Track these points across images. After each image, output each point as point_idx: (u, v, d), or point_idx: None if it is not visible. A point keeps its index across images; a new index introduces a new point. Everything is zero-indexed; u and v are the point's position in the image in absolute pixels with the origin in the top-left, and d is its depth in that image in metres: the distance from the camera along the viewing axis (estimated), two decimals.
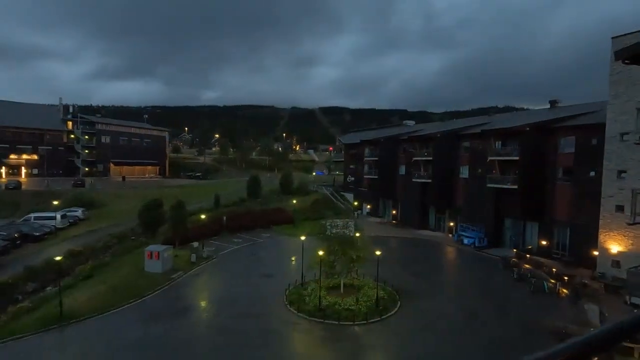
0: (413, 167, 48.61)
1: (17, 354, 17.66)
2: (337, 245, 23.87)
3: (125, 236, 37.54)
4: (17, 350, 17.90)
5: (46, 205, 47.34)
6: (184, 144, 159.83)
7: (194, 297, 25.57)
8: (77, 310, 21.49)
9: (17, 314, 21.25)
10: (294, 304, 22.89)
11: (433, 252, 38.03)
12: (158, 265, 27.84)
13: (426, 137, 47.66)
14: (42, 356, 17.62)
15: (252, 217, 45.28)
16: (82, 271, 27.48)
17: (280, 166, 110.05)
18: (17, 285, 25.61)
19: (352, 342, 19.43)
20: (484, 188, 38.43)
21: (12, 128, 73.41)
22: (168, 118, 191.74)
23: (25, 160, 73.85)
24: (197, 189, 66.08)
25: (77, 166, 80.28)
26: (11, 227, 36.36)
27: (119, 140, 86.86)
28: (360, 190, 60.79)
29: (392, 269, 28.41)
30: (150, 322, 20.99)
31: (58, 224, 39.86)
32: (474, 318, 21.86)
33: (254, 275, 28.90)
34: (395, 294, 24.56)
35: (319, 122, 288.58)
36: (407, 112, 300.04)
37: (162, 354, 17.76)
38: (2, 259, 30.49)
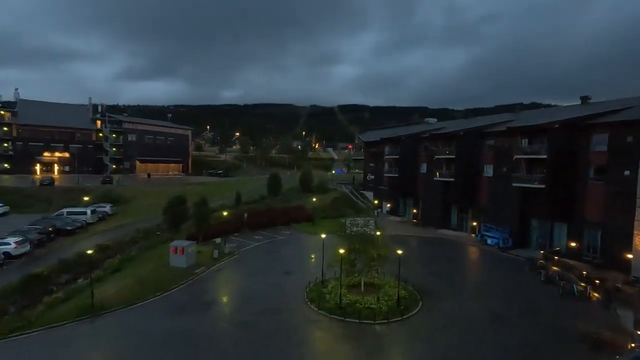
0: (435, 165, 47.73)
1: (54, 342, 18.55)
2: (358, 244, 23.75)
3: (151, 231, 38.77)
4: (54, 339, 18.81)
5: (77, 201, 49.57)
6: (205, 142, 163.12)
7: (217, 292, 26.08)
8: (107, 302, 22.36)
9: (52, 304, 22.31)
10: (315, 301, 22.99)
11: (455, 252, 37.26)
12: (182, 260, 28.57)
13: (449, 135, 46.66)
14: (76, 345, 18.42)
15: (272, 214, 45.72)
16: (111, 265, 28.56)
17: (300, 164, 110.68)
18: (52, 276, 26.88)
19: (373, 340, 19.32)
20: (510, 187, 37.27)
21: (46, 127, 77.14)
22: (191, 117, 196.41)
23: (57, 158, 77.43)
24: (219, 187, 67.38)
25: (105, 164, 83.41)
26: (46, 222, 38.21)
27: (144, 138, 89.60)
28: (380, 189, 60.25)
29: (413, 268, 28.07)
30: (176, 315, 21.58)
31: (88, 219, 41.63)
32: (499, 321, 21.30)
33: (274, 272, 29.21)
34: (416, 294, 24.26)
35: (338, 120, 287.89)
36: (427, 110, 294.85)
37: (187, 346, 18.23)
38: (37, 252, 32.09)
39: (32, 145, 75.51)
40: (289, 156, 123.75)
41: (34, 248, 32.00)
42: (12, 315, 21.03)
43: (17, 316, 20.73)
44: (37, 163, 75.56)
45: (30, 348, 17.85)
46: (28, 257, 30.76)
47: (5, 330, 18.84)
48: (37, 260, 30.44)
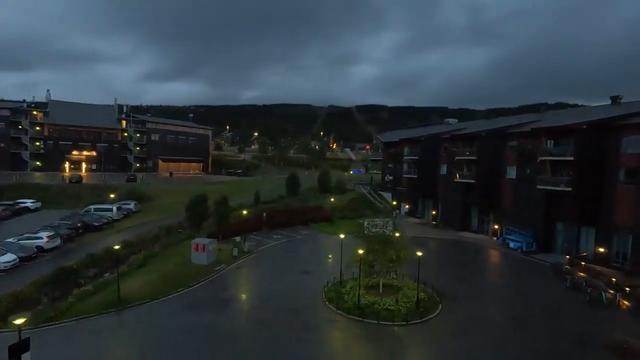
0: (455, 166, 46.96)
1: (83, 332, 19.36)
2: (377, 245, 23.69)
3: (173, 229, 39.81)
4: (84, 329, 19.63)
5: (103, 198, 51.46)
6: (225, 141, 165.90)
7: (237, 289, 26.55)
8: (132, 296, 23.13)
9: (81, 296, 23.25)
10: (333, 301, 23.07)
11: (476, 255, 36.55)
12: (203, 257, 29.23)
13: (470, 136, 45.80)
14: (104, 336, 19.18)
15: (290, 214, 46.10)
16: (135, 260, 29.52)
17: (318, 164, 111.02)
18: (81, 270, 28.01)
19: (391, 342, 19.24)
20: (534, 190, 36.26)
21: (74, 127, 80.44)
22: (210, 117, 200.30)
23: (85, 157, 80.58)
24: (238, 186, 68.42)
25: (130, 162, 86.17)
26: (75, 218, 39.87)
27: (166, 138, 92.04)
28: (399, 190, 59.75)
29: (433, 271, 27.72)
30: (197, 310, 22.12)
31: (114, 215, 43.15)
32: (521, 326, 20.79)
33: (293, 271, 29.48)
34: (436, 297, 23.98)
35: (356, 121, 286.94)
36: (447, 110, 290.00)
37: (208, 341, 18.67)
38: (67, 246, 33.52)
39: (62, 144, 78.89)
40: (307, 156, 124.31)
41: (64, 242, 33.44)
42: (45, 305, 22.07)
43: (50, 307, 21.73)
44: (66, 161, 78.87)
45: (63, 337, 18.69)
46: (59, 251, 32.18)
47: (40, 319, 19.79)
48: (67, 254, 31.77)
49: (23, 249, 29.40)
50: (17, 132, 75.17)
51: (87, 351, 17.54)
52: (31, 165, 75.93)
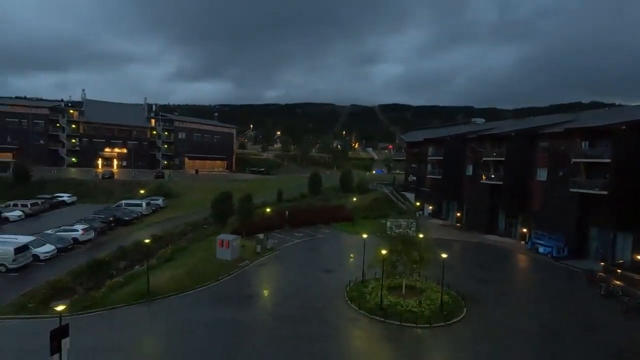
0: (482, 167, 45.71)
1: (116, 321, 20.29)
2: (400, 245, 23.45)
3: (199, 225, 40.92)
4: (116, 318, 20.57)
5: (133, 194, 53.53)
6: (248, 140, 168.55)
7: (260, 285, 26.99)
8: (160, 288, 23.97)
9: (113, 287, 24.35)
10: (355, 300, 23.05)
11: (503, 259, 35.48)
12: (227, 253, 29.89)
13: (498, 136, 44.42)
14: (135, 325, 20.03)
15: (312, 212, 46.32)
16: (163, 254, 30.58)
17: (340, 163, 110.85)
18: (112, 262, 29.36)
19: (414, 344, 19.03)
20: (566, 193, 34.76)
21: (107, 125, 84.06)
22: (234, 116, 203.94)
23: (117, 153, 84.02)
24: (261, 184, 69.38)
25: (158, 159, 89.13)
26: (107, 212, 41.72)
27: (193, 136, 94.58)
28: (422, 190, 58.78)
29: (457, 273, 27.15)
30: (221, 304, 22.68)
31: (143, 210, 44.84)
32: (551, 334, 20.02)
33: (314, 269, 29.65)
34: (460, 300, 23.47)
35: (379, 120, 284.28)
36: (473, 109, 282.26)
37: (231, 334, 19.09)
38: (100, 239, 35.13)
39: (95, 141, 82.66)
40: (329, 155, 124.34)
41: (97, 235, 35.09)
42: (81, 294, 23.27)
43: (85, 296, 22.89)
44: (99, 158, 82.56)
45: (98, 325, 19.61)
46: (92, 243, 33.79)
47: (77, 307, 20.88)
48: (100, 246, 33.30)
49: (60, 241, 31.07)
50: (55, 129, 79.38)
51: (120, 339, 18.36)
52: (67, 161, 79.99)
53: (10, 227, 37.44)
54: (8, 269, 25.68)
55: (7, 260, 25.68)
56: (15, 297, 21.93)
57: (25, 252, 26.92)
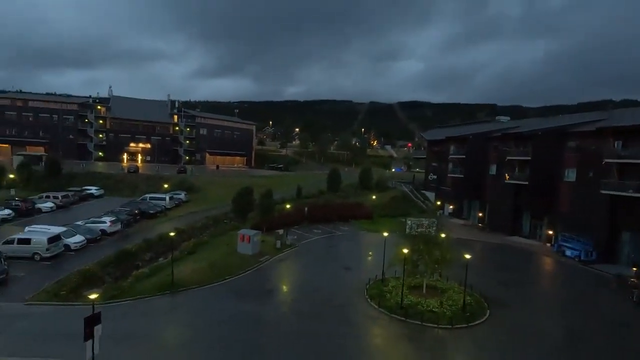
0: (506, 167, 44.50)
1: (142, 310, 20.98)
2: (422, 245, 23.16)
3: (219, 219, 41.64)
4: (142, 307, 21.27)
5: (156, 188, 54.90)
6: (267, 136, 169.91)
7: (280, 280, 27.29)
8: (183, 281, 24.58)
9: (139, 277, 25.16)
10: (375, 298, 22.96)
11: (527, 261, 34.51)
12: (248, 247, 30.32)
13: (524, 135, 43.09)
14: (160, 315, 20.65)
15: (331, 209, 46.32)
16: (186, 247, 31.33)
17: (358, 161, 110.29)
18: (138, 253, 30.29)
19: (435, 344, 18.81)
20: (597, 194, 33.41)
21: (132, 121, 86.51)
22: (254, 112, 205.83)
23: (141, 149, 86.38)
24: (280, 180, 69.87)
25: (180, 155, 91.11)
26: (133, 205, 43.03)
27: (214, 132, 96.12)
28: (443, 189, 57.81)
29: (480, 275, 26.56)
30: (242, 298, 23.06)
31: (167, 204, 45.98)
32: (579, 340, 19.38)
33: (334, 266, 29.70)
34: (483, 302, 23.02)
35: (397, 117, 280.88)
36: (496, 107, 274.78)
37: (253, 328, 19.38)
38: (126, 231, 36.29)
39: (121, 136, 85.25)
40: (348, 153, 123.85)
41: (123, 227, 36.24)
42: (109, 284, 24.16)
43: (113, 285, 23.76)
44: (125, 152, 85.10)
45: (125, 314, 20.32)
46: (119, 235, 34.93)
47: (106, 296, 21.70)
48: (126, 238, 34.40)
49: (90, 232, 32.30)
50: (83, 125, 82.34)
51: (146, 328, 19.01)
52: (94, 156, 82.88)
53: (42, 217, 39.19)
54: (42, 258, 26.92)
55: (41, 250, 26.92)
56: (49, 284, 22.99)
57: (57, 242, 28.15)
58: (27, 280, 23.93)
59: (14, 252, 26.66)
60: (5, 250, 26.52)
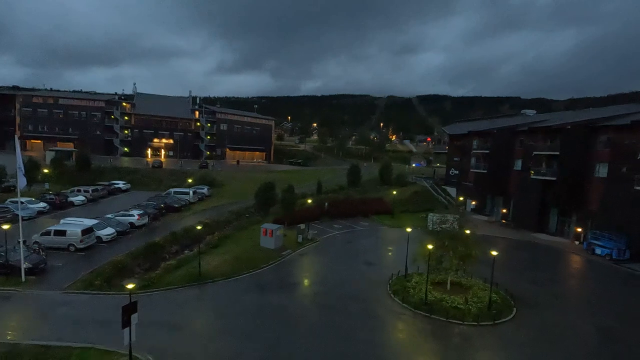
0: (533, 162, 43.22)
1: (172, 301, 21.70)
2: (447, 240, 22.92)
3: (241, 213, 42.33)
4: (171, 298, 22.01)
5: (180, 182, 56.35)
6: (285, 132, 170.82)
7: (302, 274, 27.59)
8: (210, 273, 25.27)
9: (167, 269, 26.01)
10: (398, 294, 22.95)
11: (554, 259, 33.55)
12: (271, 241, 30.78)
13: (551, 129, 41.69)
14: (188, 306, 21.33)
15: (351, 204, 46.33)
16: (211, 240, 32.08)
17: (377, 156, 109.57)
18: (165, 246, 31.23)
19: (460, 341, 18.66)
20: (631, 191, 32.06)
21: (156, 117, 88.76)
22: (272, 108, 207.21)
23: (164, 144, 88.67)
24: (299, 175, 70.34)
25: (201, 150, 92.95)
26: (158, 199, 44.30)
27: (234, 128, 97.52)
28: (465, 185, 56.77)
29: (505, 272, 26.07)
30: (267, 291, 23.49)
31: (190, 198, 47.10)
32: (612, 342, 18.79)
33: (355, 261, 29.79)
34: (509, 300, 22.64)
35: (416, 112, 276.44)
36: (520, 100, 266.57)
37: (278, 320, 19.74)
38: (153, 224, 37.46)
39: (145, 132, 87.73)
40: (366, 148, 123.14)
41: (150, 220, 37.41)
42: (140, 275, 25.10)
43: (143, 276, 24.66)
44: (148, 148, 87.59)
45: (157, 303, 21.10)
46: (147, 228, 36.08)
47: (138, 286, 22.51)
48: (153, 231, 35.48)
49: (119, 224, 33.50)
50: (109, 121, 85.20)
51: (177, 317, 19.68)
52: (120, 151, 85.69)
53: (75, 210, 40.91)
54: (77, 249, 28.20)
55: (75, 241, 28.19)
56: (84, 274, 24.10)
57: (90, 234, 29.38)
58: (64, 269, 25.14)
59: (51, 243, 28.03)
60: (43, 241, 27.95)
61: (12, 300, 21.04)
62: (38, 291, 21.91)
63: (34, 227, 32.30)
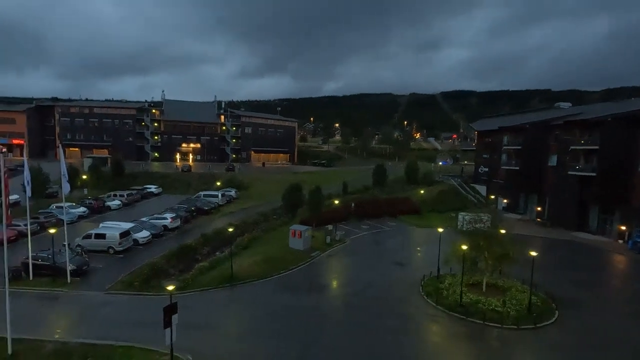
0: (569, 157, 41.20)
1: (206, 301, 22.24)
2: (482, 241, 22.20)
3: (269, 215, 42.82)
4: (206, 299, 22.56)
5: (208, 185, 57.70)
6: (307, 133, 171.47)
7: (332, 275, 27.55)
8: (241, 274, 25.67)
9: (200, 270, 26.65)
10: (431, 295, 22.47)
11: (597, 259, 31.82)
12: (300, 243, 30.95)
13: (590, 122, 39.57)
14: (222, 306, 21.80)
15: (378, 205, 45.87)
16: (241, 242, 32.64)
17: (402, 155, 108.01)
18: (197, 248, 32.08)
19: (500, 345, 18.00)
20: None
21: (183, 122, 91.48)
22: (294, 109, 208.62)
23: (192, 148, 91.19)
24: (324, 176, 70.32)
25: (227, 153, 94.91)
26: (189, 202, 45.59)
27: (258, 130, 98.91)
28: (496, 182, 54.89)
29: (544, 274, 24.92)
30: (298, 292, 23.61)
31: (219, 201, 48.16)
32: None
33: (385, 262, 29.43)
34: (550, 302, 21.66)
35: (440, 108, 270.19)
36: (551, 92, 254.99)
37: (310, 321, 19.77)
38: (185, 227, 38.55)
39: (173, 137, 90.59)
40: (390, 147, 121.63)
41: (182, 223, 38.55)
42: (176, 276, 25.88)
43: (178, 277, 25.41)
44: (177, 152, 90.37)
45: (193, 304, 21.62)
46: (179, 230, 37.21)
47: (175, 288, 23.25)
48: (185, 233, 36.52)
49: (153, 227, 34.73)
50: (140, 128, 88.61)
51: (212, 317, 20.15)
52: (151, 156, 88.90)
53: (111, 214, 42.82)
54: (115, 251, 29.47)
55: (114, 244, 29.48)
56: (123, 275, 25.13)
57: (127, 237, 30.63)
58: (104, 271, 26.33)
59: (92, 246, 29.46)
60: (85, 244, 29.41)
61: (60, 300, 22.25)
62: (82, 292, 23.06)
63: (75, 230, 34.01)
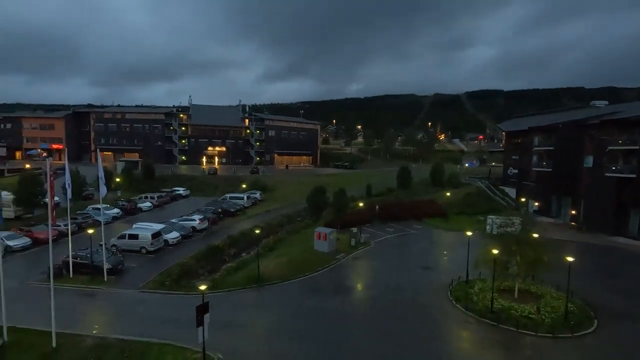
0: (606, 158, 39.20)
1: (234, 302, 22.69)
2: (514, 245, 21.50)
3: (293, 217, 43.22)
4: (233, 299, 23.02)
5: (234, 188, 58.90)
6: (329, 135, 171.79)
7: (358, 278, 27.45)
8: (268, 275, 26.03)
9: (228, 271, 27.25)
10: (461, 301, 21.96)
11: (638, 265, 30.04)
12: (324, 245, 31.03)
13: (629, 121, 37.51)
14: (249, 307, 22.18)
15: (402, 207, 45.23)
16: (267, 244, 33.10)
17: (426, 156, 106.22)
18: (224, 249, 32.84)
19: (535, 353, 17.33)
20: None
21: (209, 126, 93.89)
22: (317, 112, 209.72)
23: (217, 152, 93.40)
24: (347, 178, 70.24)
25: (251, 156, 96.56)
26: (216, 204, 46.74)
27: (281, 133, 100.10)
28: (526, 185, 52.95)
29: (581, 280, 23.76)
30: (324, 294, 23.68)
31: (244, 203, 49.07)
32: None
33: (411, 265, 29.02)
34: (589, 310, 20.67)
35: (465, 109, 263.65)
36: (584, 90, 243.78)
37: (337, 324, 19.77)
38: (212, 228, 39.51)
39: (200, 141, 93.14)
40: (414, 148, 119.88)
41: (210, 224, 39.55)
42: (204, 276, 26.60)
43: (207, 278, 26.09)
44: (203, 156, 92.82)
45: (222, 304, 22.09)
46: (207, 231, 38.18)
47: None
48: (212, 234, 37.44)
49: (183, 228, 35.85)
50: (168, 132, 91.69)
51: (241, 317, 20.57)
52: (178, 160, 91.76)
53: (143, 216, 44.53)
54: (147, 251, 30.63)
55: (146, 244, 30.66)
56: (155, 275, 26.08)
57: (159, 238, 31.78)
58: (138, 270, 27.42)
59: (125, 246, 30.77)
60: (119, 244, 30.75)
61: (97, 297, 23.37)
62: (118, 290, 24.14)
63: (110, 231, 35.61)
